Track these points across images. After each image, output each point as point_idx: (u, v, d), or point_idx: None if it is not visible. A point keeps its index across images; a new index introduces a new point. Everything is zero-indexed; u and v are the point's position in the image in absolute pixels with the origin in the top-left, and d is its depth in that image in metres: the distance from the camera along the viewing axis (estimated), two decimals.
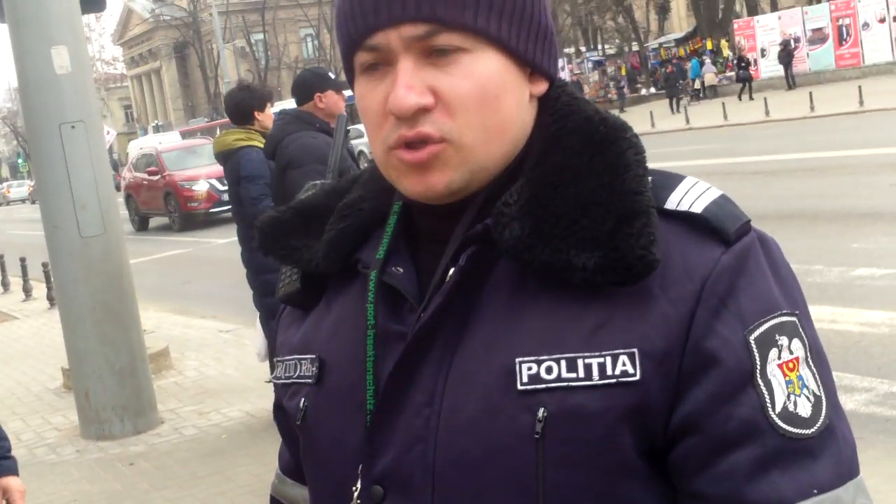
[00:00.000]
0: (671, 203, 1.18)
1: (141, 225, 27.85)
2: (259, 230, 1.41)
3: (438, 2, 1.14)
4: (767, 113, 30.21)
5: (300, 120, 6.18)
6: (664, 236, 1.13)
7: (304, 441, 1.35)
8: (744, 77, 40.47)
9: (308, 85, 6.26)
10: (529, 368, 1.13)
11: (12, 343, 12.42)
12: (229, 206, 7.44)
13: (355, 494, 1.24)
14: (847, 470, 1.12)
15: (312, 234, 1.36)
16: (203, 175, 24.65)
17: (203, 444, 7.08)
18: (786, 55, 39.94)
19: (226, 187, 24.48)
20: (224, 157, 6.93)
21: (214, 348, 10.13)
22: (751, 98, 36.56)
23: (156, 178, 26.16)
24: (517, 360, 1.14)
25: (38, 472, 6.85)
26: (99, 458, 7.10)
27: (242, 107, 6.93)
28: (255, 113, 6.87)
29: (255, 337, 7.38)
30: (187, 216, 25.13)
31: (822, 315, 7.62)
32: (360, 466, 1.23)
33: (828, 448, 1.12)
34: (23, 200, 71.12)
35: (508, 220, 1.17)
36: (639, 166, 1.17)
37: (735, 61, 41.46)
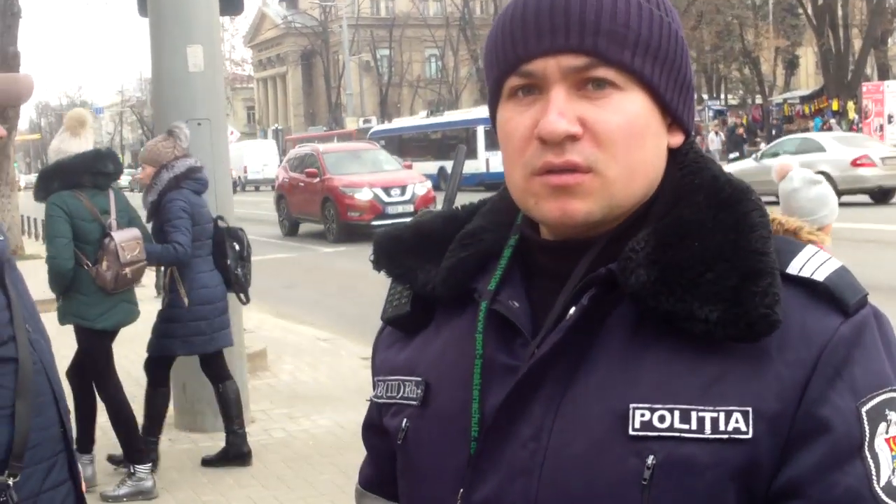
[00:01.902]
0: (793, 268, 1.19)
1: (291, 230, 25.00)
2: (377, 245, 1.43)
3: (601, 37, 1.17)
4: None
5: None
6: (785, 299, 1.14)
7: (403, 460, 1.37)
8: None
9: None
10: (643, 415, 1.15)
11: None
12: (391, 221, 7.44)
13: None
14: None
15: (427, 258, 1.38)
16: (366, 183, 22.11)
17: (290, 448, 7.17)
18: None
19: (390, 198, 22.82)
20: None
21: (310, 355, 10.24)
22: None
23: (315, 180, 23.14)
24: (631, 405, 1.16)
25: None
26: (189, 448, 7.25)
27: None
28: None
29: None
30: (345, 226, 22.12)
31: None
32: (461, 492, 1.25)
33: None
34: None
35: (635, 265, 1.18)
36: (764, 228, 1.19)
37: None
